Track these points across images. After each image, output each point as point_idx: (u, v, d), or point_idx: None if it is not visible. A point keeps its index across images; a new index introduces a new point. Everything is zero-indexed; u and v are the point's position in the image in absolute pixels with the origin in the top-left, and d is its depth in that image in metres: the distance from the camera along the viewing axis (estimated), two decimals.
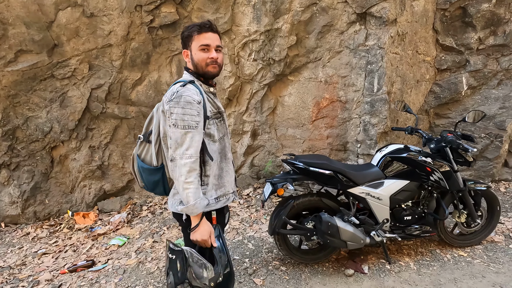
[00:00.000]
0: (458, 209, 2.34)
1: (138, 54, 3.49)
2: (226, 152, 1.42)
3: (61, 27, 3.23)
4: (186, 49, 1.36)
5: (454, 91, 3.54)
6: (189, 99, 1.22)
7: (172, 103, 1.23)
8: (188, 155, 1.21)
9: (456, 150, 2.21)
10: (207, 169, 1.33)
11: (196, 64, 1.33)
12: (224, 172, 1.40)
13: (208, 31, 1.31)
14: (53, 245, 3.09)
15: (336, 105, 3.50)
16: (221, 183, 1.38)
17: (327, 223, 2.06)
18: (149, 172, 1.40)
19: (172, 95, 1.25)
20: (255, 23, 3.39)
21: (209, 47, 1.31)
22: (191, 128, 1.22)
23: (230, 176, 1.43)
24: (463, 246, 2.48)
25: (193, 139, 1.22)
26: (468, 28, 3.41)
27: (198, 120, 1.24)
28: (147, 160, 1.41)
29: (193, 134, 1.23)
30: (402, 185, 2.19)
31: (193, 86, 1.30)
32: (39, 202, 3.54)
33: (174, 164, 1.24)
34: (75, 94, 3.43)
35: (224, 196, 1.40)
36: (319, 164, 2.12)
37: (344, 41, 3.33)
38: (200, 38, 1.30)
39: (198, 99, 1.25)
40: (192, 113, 1.22)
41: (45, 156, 3.51)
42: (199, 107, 1.25)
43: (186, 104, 1.22)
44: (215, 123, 1.35)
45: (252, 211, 3.33)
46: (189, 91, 1.25)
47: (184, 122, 1.21)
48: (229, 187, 1.42)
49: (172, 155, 1.24)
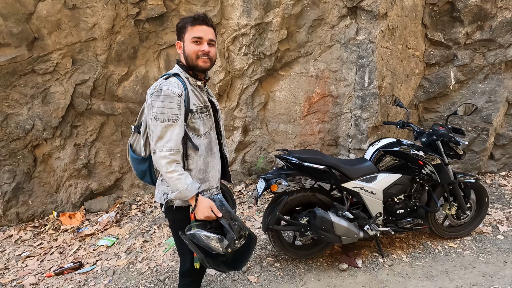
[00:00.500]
0: (448, 202, 2.37)
1: (124, 48, 3.37)
2: (212, 147, 1.40)
3: (41, 20, 3.07)
4: (179, 40, 1.35)
5: (443, 85, 3.59)
6: (168, 92, 1.22)
7: (153, 97, 1.24)
8: (168, 147, 1.22)
9: (447, 144, 2.23)
10: (190, 163, 1.32)
11: (187, 56, 1.32)
12: (209, 166, 1.38)
13: (202, 24, 1.29)
14: (37, 248, 2.97)
15: (328, 100, 3.49)
16: (205, 177, 1.37)
17: (321, 219, 2.05)
18: (137, 162, 1.43)
19: (154, 89, 1.25)
20: (245, 17, 3.33)
21: (201, 39, 1.29)
22: (171, 121, 1.22)
23: (215, 171, 1.41)
24: (453, 238, 2.53)
25: (173, 132, 1.23)
26: (456, 23, 3.45)
27: (178, 113, 1.24)
28: (137, 150, 1.45)
29: (173, 127, 1.23)
30: (395, 179, 2.19)
31: (176, 79, 1.29)
32: (22, 203, 3.39)
33: (155, 156, 1.25)
34: (58, 90, 3.29)
35: (208, 191, 1.39)
36: (313, 159, 2.10)
37: (335, 35, 3.31)
38: (194, 30, 1.29)
39: (178, 92, 1.24)
40: (171, 106, 1.22)
41: (27, 155, 3.36)
42: (179, 100, 1.23)
43: (166, 98, 1.21)
44: (201, 117, 1.34)
45: (244, 208, 3.30)
46: (170, 84, 1.24)
47: (164, 116, 1.21)
48: (213, 182, 1.41)
49: (153, 148, 1.25)
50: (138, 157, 1.41)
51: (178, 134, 1.23)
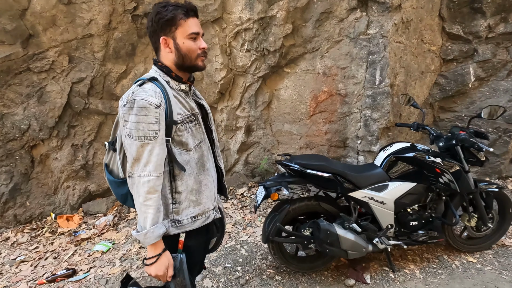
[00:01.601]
0: (468, 213, 2.15)
1: (122, 45, 3.23)
2: (205, 162, 1.18)
3: (36, 16, 2.96)
4: (166, 36, 1.09)
5: (461, 82, 3.32)
6: (143, 103, 1.00)
7: (125, 109, 1.02)
8: (147, 172, 1.01)
9: (468, 149, 2.01)
10: (178, 184, 1.11)
11: (185, 55, 1.09)
12: (202, 186, 1.17)
13: (194, 16, 1.10)
14: (33, 252, 2.89)
15: (335, 99, 3.28)
16: (199, 199, 1.16)
17: (326, 231, 1.87)
18: (116, 185, 1.20)
19: (127, 99, 1.03)
20: (247, 10, 3.13)
21: (198, 35, 1.10)
22: (148, 139, 1.00)
23: (209, 191, 1.20)
24: (472, 251, 2.31)
25: (151, 153, 1.01)
26: (477, 15, 3.17)
27: (156, 128, 1.01)
28: (114, 171, 1.22)
29: (152, 146, 1.01)
30: (408, 188, 1.99)
31: (153, 84, 1.05)
32: (20, 204, 3.32)
33: (132, 181, 1.04)
34: (54, 88, 3.18)
35: (203, 215, 1.18)
36: (317, 166, 1.92)
37: (344, 29, 3.08)
38: (189, 24, 1.08)
39: (156, 102, 1.01)
40: (148, 120, 1.00)
41: (25, 156, 3.28)
42: (157, 112, 1.01)
43: (140, 110, 0.99)
44: (189, 128, 1.11)
45: (246, 213, 3.14)
46: (145, 93, 1.01)
47: (139, 133, 1.00)
48: (209, 203, 1.20)
49: (130, 171, 1.04)
50: (116, 179, 1.18)
51: (158, 155, 1.02)
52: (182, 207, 1.13)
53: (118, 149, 1.16)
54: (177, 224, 1.13)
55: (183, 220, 1.13)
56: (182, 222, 1.13)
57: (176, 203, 1.12)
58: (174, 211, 1.12)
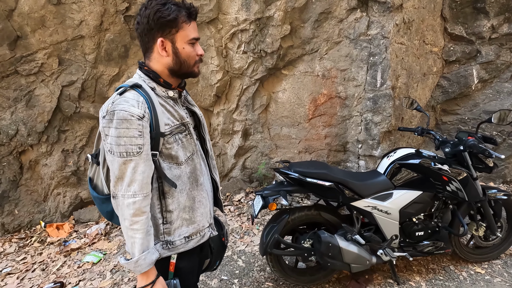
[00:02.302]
0: (475, 221, 2.05)
1: (114, 47, 3.12)
2: (198, 176, 1.06)
3: (23, 16, 2.84)
4: (164, 37, 0.96)
5: (464, 84, 3.23)
6: (124, 114, 0.88)
7: (105, 121, 0.91)
8: (131, 192, 0.90)
9: (475, 155, 1.91)
10: (169, 202, 1.00)
11: (183, 62, 0.99)
12: (196, 202, 1.06)
13: (195, 20, 1.01)
14: (20, 263, 2.76)
15: (335, 102, 3.18)
16: (193, 217, 1.05)
17: (327, 244, 1.76)
18: (100, 201, 1.09)
19: (106, 109, 0.92)
20: (244, 11, 3.03)
21: (197, 41, 1.02)
22: (131, 155, 0.90)
23: (204, 207, 1.09)
24: (480, 261, 2.20)
25: (135, 170, 0.90)
26: (479, 15, 3.09)
27: (140, 143, 0.90)
28: (99, 186, 1.11)
29: (136, 163, 0.90)
30: (414, 197, 1.88)
31: (136, 92, 0.94)
32: (8, 212, 3.19)
33: (116, 202, 0.93)
34: (43, 92, 3.06)
35: (198, 234, 1.07)
36: (318, 174, 1.81)
37: (343, 30, 2.99)
38: (190, 28, 0.98)
39: (139, 113, 0.90)
40: (130, 134, 0.89)
41: (13, 162, 3.15)
42: (140, 124, 0.90)
43: (121, 123, 0.88)
44: (179, 139, 1.01)
45: (243, 220, 3.03)
46: (126, 103, 0.90)
47: (121, 148, 0.89)
48: (203, 221, 1.09)
49: (113, 191, 0.93)
50: (100, 195, 1.08)
51: (143, 172, 0.91)
52: (174, 226, 1.02)
53: (101, 162, 1.05)
54: (168, 246, 1.02)
55: (176, 241, 1.02)
56: (174, 243, 1.02)
57: (167, 223, 1.01)
58: (165, 232, 1.02)
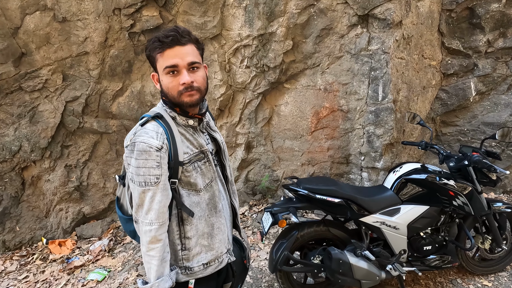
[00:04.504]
0: (481, 234, 2.08)
1: (118, 62, 3.15)
2: (216, 203, 1.08)
3: (29, 34, 2.87)
4: (155, 71, 1.03)
5: (462, 97, 3.31)
6: (143, 146, 0.93)
7: (127, 152, 0.96)
8: (148, 220, 0.94)
9: (480, 169, 1.95)
10: (188, 229, 1.02)
11: (167, 93, 1.00)
12: (215, 229, 1.07)
13: (173, 45, 0.93)
14: (22, 282, 2.71)
15: (337, 115, 3.23)
16: (211, 243, 1.06)
17: (338, 261, 1.77)
18: (124, 221, 1.12)
19: (130, 139, 0.96)
20: (247, 27, 3.09)
21: (177, 68, 0.95)
22: (148, 185, 0.93)
23: (222, 233, 1.10)
24: (486, 274, 2.22)
25: (153, 200, 0.93)
26: (475, 30, 3.18)
27: (158, 173, 0.94)
28: (124, 206, 1.15)
29: (153, 193, 0.94)
30: (421, 212, 1.91)
31: (156, 124, 0.97)
32: (9, 229, 3.15)
33: (137, 227, 0.98)
34: (47, 108, 3.07)
35: (216, 260, 1.08)
36: (327, 191, 1.83)
37: (344, 45, 3.06)
38: (164, 56, 0.94)
39: (157, 145, 0.93)
40: (148, 165, 0.93)
41: (15, 178, 3.13)
42: (158, 155, 0.94)
43: (140, 154, 0.93)
44: (198, 167, 1.03)
45: (248, 234, 3.02)
46: (146, 135, 0.94)
47: (140, 178, 0.93)
48: (222, 247, 1.10)
49: (135, 217, 0.98)
50: (125, 215, 1.12)
51: (160, 202, 0.94)
52: (193, 253, 1.04)
53: (126, 185, 1.09)
54: (187, 272, 1.04)
55: (194, 267, 1.04)
56: (193, 269, 1.04)
57: (185, 249, 1.03)
58: (184, 258, 1.03)
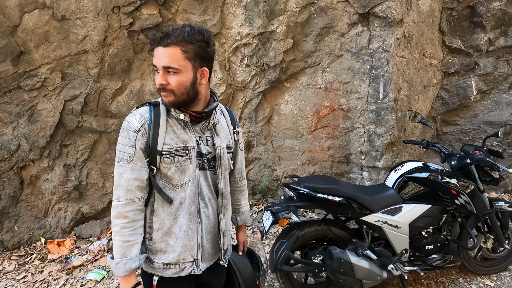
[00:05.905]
0: (483, 234, 2.06)
1: (117, 61, 3.13)
2: (190, 205, 1.04)
3: (27, 32, 2.85)
4: None
5: (463, 96, 3.29)
6: (125, 125, 1.00)
7: None
8: (116, 196, 0.97)
9: (482, 168, 1.93)
10: (155, 220, 1.03)
11: None
12: (181, 231, 1.03)
13: (157, 46, 0.96)
14: (21, 282, 2.69)
15: (338, 114, 3.21)
16: (175, 245, 1.03)
17: (339, 260, 1.75)
18: None
19: None
20: (247, 26, 3.08)
21: (157, 68, 0.98)
22: (121, 161, 0.98)
23: (189, 239, 1.05)
24: (488, 273, 2.20)
25: (122, 176, 0.97)
26: (477, 29, 3.17)
27: (131, 152, 0.98)
28: None
29: (123, 170, 0.97)
30: (423, 210, 1.89)
31: (146, 108, 1.02)
32: (7, 229, 3.13)
33: None
34: (46, 107, 3.05)
35: (177, 265, 1.04)
36: (328, 189, 1.81)
37: (345, 44, 3.04)
38: (154, 54, 0.99)
39: (136, 126, 0.98)
40: (125, 142, 0.98)
41: (13, 177, 3.11)
42: (134, 136, 0.98)
43: (122, 131, 1.00)
44: (177, 161, 1.01)
45: (248, 234, 3.00)
46: (132, 116, 1.01)
47: (118, 153, 1.00)
48: (186, 254, 1.05)
49: None
50: None
51: (127, 180, 0.97)
52: (157, 247, 1.04)
53: None
54: (149, 264, 1.05)
55: (155, 263, 1.04)
56: (154, 264, 1.05)
57: (151, 240, 1.04)
58: (149, 248, 1.04)
